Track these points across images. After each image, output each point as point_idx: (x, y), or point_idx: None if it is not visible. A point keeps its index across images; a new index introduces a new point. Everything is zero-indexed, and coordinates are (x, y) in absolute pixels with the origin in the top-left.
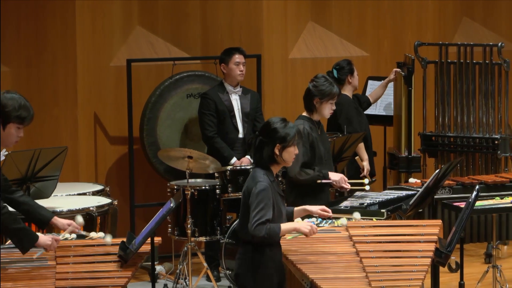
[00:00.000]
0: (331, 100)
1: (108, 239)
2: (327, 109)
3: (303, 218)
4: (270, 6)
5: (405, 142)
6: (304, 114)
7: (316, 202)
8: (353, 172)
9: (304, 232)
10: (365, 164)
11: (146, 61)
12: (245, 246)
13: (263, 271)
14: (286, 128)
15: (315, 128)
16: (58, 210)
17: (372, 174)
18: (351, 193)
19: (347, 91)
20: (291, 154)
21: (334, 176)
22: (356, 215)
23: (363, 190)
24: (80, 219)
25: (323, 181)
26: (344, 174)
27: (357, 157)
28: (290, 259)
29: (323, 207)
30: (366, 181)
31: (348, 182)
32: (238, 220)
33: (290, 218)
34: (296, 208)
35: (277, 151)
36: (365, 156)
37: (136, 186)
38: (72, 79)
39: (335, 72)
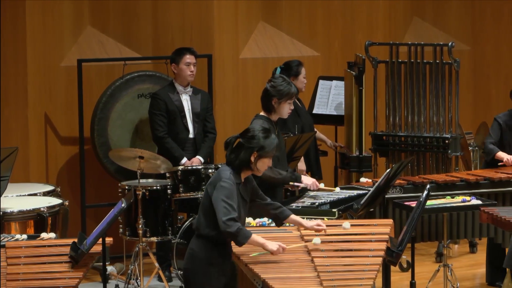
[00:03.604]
0: (289, 100)
1: None
2: (286, 109)
3: (254, 218)
4: (221, 6)
5: (356, 142)
6: (262, 113)
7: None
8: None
9: (271, 250)
10: (300, 165)
11: (97, 61)
12: (197, 241)
13: (212, 267)
14: (268, 139)
15: (273, 129)
16: (9, 211)
17: (313, 173)
18: (302, 193)
19: None
20: (264, 165)
21: (307, 180)
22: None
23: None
24: None
25: (296, 183)
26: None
27: None
28: (241, 259)
29: (318, 222)
30: (337, 189)
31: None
32: (198, 214)
33: (282, 221)
34: (292, 217)
35: (252, 158)
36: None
37: (87, 186)
38: (23, 79)
39: (278, 70)
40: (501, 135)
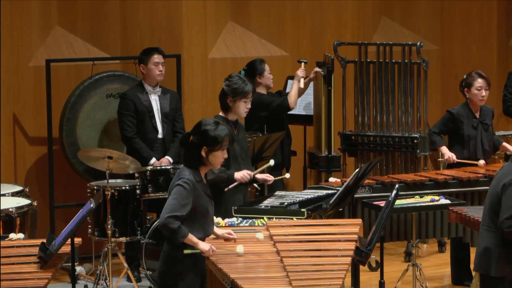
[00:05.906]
0: (244, 99)
1: None
2: (242, 108)
3: (223, 218)
4: (189, 6)
5: (325, 142)
6: (220, 113)
7: (234, 202)
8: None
9: (203, 249)
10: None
11: (65, 61)
12: (168, 244)
13: (184, 269)
14: (216, 131)
15: (231, 128)
16: None
17: (287, 169)
18: (271, 193)
19: (261, 90)
20: (218, 158)
21: (237, 175)
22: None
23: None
24: None
25: (230, 187)
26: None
27: None
28: (210, 259)
29: (229, 231)
30: (271, 162)
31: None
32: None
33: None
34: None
35: (203, 153)
36: None
37: (55, 186)
38: None
39: (242, 72)
40: (457, 128)
